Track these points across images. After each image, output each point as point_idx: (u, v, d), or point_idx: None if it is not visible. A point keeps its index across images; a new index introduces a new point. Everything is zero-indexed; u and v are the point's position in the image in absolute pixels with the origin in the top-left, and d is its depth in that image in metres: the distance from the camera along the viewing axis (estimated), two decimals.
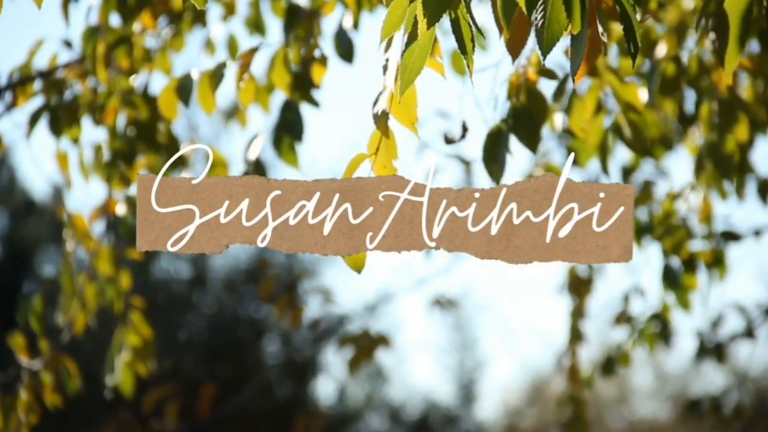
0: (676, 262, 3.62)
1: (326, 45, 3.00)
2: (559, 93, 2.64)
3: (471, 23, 1.78)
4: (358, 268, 1.94)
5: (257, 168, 2.85)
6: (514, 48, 2.07)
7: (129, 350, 3.59)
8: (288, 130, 2.77)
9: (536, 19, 1.75)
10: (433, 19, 1.73)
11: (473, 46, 1.79)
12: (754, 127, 3.02)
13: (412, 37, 1.78)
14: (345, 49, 2.94)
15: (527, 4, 1.75)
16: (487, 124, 2.43)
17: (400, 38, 1.95)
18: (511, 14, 1.79)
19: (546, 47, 1.75)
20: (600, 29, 1.90)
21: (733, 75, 2.84)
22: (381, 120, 1.95)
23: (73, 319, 3.58)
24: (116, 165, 3.28)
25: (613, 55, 3.04)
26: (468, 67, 1.79)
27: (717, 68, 2.86)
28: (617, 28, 2.74)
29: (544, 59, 1.76)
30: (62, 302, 3.60)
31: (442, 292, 5.78)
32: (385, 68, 1.98)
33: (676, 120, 3.25)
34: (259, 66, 2.95)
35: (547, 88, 2.50)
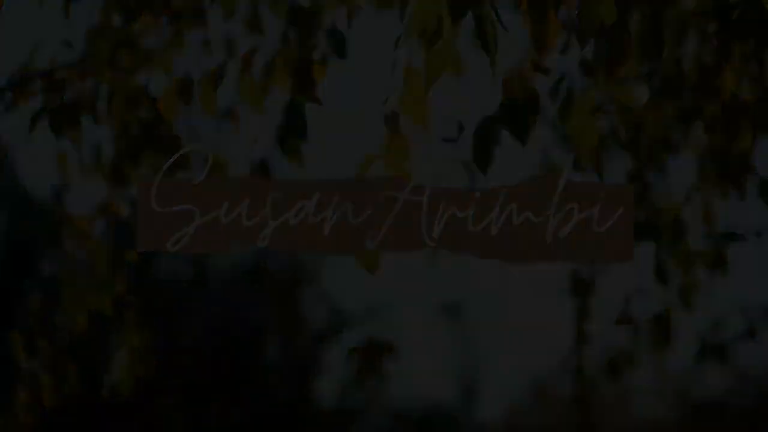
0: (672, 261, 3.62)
1: (325, 44, 2.99)
2: (555, 92, 2.63)
3: (496, 21, 1.78)
4: (372, 268, 1.93)
5: (262, 168, 2.84)
6: (541, 42, 2.06)
7: (126, 350, 3.58)
8: (293, 130, 2.76)
9: (570, 12, 1.75)
10: (458, 17, 1.73)
11: (496, 45, 1.78)
12: (758, 128, 3.01)
13: (437, 35, 1.78)
14: (337, 44, 2.93)
15: None
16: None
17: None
18: (542, 16, 1.78)
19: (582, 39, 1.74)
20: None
21: (735, 77, 2.83)
22: (391, 119, 1.95)
23: (72, 320, 3.57)
24: (121, 165, 3.28)
25: None
26: (492, 66, 1.79)
27: (720, 71, 2.85)
28: None
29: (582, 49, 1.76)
30: (60, 302, 3.59)
31: (443, 293, 5.78)
32: (394, 66, 1.97)
33: (676, 121, 3.24)
34: (257, 67, 2.95)
35: (543, 87, 2.49)
